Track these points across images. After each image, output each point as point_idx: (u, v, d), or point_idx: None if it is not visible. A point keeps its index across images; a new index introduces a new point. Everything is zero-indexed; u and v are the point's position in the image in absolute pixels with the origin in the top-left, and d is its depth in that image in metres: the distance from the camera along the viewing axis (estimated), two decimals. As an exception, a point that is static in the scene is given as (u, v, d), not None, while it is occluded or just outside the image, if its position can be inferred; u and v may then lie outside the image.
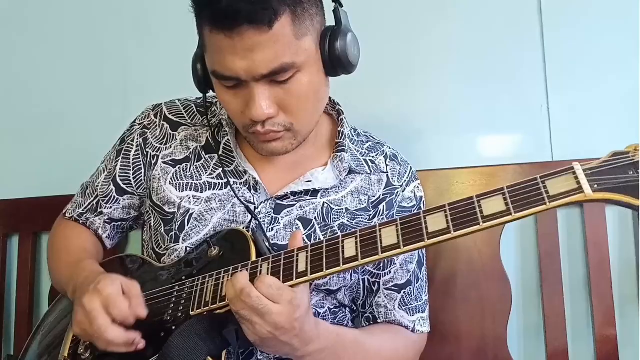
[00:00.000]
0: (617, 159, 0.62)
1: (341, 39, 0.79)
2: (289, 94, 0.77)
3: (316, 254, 0.71)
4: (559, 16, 1.21)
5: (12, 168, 1.46)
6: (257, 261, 0.75)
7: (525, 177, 1.13)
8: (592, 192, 0.61)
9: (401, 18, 1.28)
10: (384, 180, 0.93)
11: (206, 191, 0.89)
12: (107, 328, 0.71)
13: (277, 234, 0.87)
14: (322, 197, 0.89)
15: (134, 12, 1.42)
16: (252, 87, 0.75)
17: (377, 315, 0.92)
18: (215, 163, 0.91)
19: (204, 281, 0.78)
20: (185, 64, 0.87)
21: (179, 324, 0.75)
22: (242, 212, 0.87)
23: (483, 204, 0.65)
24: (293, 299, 0.69)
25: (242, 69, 0.74)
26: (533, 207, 0.62)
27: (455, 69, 1.25)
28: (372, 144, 0.98)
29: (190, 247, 0.87)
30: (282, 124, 0.79)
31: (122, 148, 0.96)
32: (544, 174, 0.64)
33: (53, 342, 0.89)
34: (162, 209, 0.91)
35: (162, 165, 0.92)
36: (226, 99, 0.80)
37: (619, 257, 1.16)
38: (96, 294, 0.73)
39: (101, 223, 0.98)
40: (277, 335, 0.69)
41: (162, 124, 0.95)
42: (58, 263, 0.95)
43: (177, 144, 0.93)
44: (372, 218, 0.91)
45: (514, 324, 1.18)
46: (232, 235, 0.83)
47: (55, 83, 1.45)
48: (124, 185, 0.96)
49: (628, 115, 1.17)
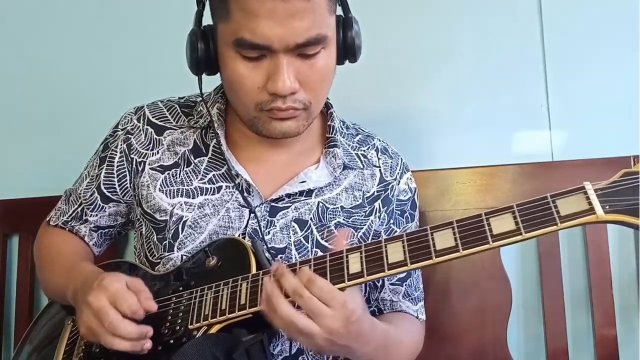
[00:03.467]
0: (628, 180, 0.61)
1: (354, 27, 0.80)
2: (313, 69, 0.76)
3: (319, 268, 0.70)
4: (559, 16, 1.21)
5: (12, 168, 1.46)
6: (258, 274, 0.74)
7: (525, 178, 1.16)
8: (604, 213, 0.60)
9: (401, 18, 1.28)
10: (377, 176, 0.93)
11: (198, 197, 0.86)
12: (119, 323, 0.70)
13: (274, 237, 0.85)
14: (317, 197, 0.88)
15: (134, 12, 1.42)
16: (280, 58, 0.74)
17: (382, 307, 0.94)
18: (205, 167, 0.88)
19: (203, 293, 0.76)
20: (186, 64, 0.87)
21: (177, 338, 0.73)
22: (237, 217, 0.85)
23: (492, 222, 0.64)
24: (346, 302, 0.66)
25: (277, 36, 0.72)
26: (544, 227, 0.61)
27: (455, 69, 1.25)
28: (362, 136, 0.97)
29: (186, 256, 0.85)
30: (302, 100, 0.78)
31: (105, 155, 0.93)
32: (554, 192, 0.63)
33: (44, 351, 0.87)
34: (153, 217, 0.88)
35: (150, 171, 0.89)
36: (243, 73, 0.76)
37: (619, 257, 1.16)
38: (102, 291, 0.71)
39: (87, 231, 0.95)
40: (335, 340, 0.67)
41: (147, 129, 0.91)
42: (51, 269, 0.92)
43: (164, 149, 0.90)
44: (368, 215, 0.90)
45: (514, 324, 1.17)
46: (231, 245, 0.81)
47: (55, 83, 1.45)
48: (108, 193, 0.93)
49: (628, 115, 1.16)
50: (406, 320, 0.93)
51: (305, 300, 0.66)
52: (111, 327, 0.70)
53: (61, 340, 0.84)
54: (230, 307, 0.72)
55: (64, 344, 0.83)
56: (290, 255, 0.85)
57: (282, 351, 0.85)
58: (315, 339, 0.66)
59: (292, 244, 0.85)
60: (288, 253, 0.85)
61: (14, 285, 1.39)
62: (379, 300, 0.94)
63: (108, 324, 0.70)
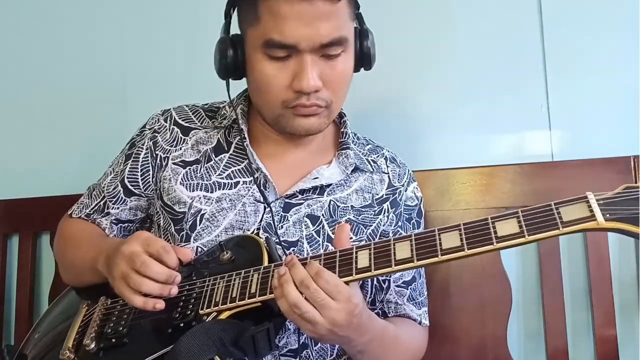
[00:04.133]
0: (630, 192, 0.63)
1: (370, 37, 0.88)
2: (334, 70, 0.83)
3: (329, 262, 0.72)
4: (559, 16, 1.21)
5: (12, 168, 1.46)
6: (270, 266, 0.76)
7: (525, 178, 1.16)
8: (604, 220, 0.62)
9: (401, 19, 1.28)
10: (385, 181, 0.97)
11: (216, 191, 0.91)
12: (150, 263, 0.74)
13: (287, 231, 0.89)
14: (329, 195, 0.92)
15: (134, 14, 1.42)
16: (305, 58, 0.80)
17: (387, 310, 0.96)
18: (225, 164, 0.93)
19: (215, 282, 0.79)
20: (186, 67, 0.87)
21: (188, 322, 0.75)
22: (253, 212, 0.89)
23: (497, 225, 0.66)
24: (351, 297, 0.70)
25: (304, 37, 0.78)
26: (546, 231, 0.64)
27: (455, 69, 1.25)
28: (372, 147, 1.02)
29: (202, 248, 0.88)
30: (325, 98, 0.84)
31: (132, 152, 0.98)
32: (558, 201, 0.65)
33: (55, 336, 0.88)
34: (173, 208, 0.92)
35: (173, 166, 0.94)
36: (270, 73, 0.82)
37: (619, 257, 1.16)
38: (134, 239, 0.77)
39: (108, 223, 0.98)
40: (337, 331, 0.70)
41: (173, 128, 0.97)
42: (77, 250, 0.95)
43: (189, 148, 0.95)
44: (378, 214, 0.94)
45: (514, 324, 1.18)
46: (246, 242, 0.84)
47: (55, 83, 1.45)
48: (131, 187, 0.97)
49: (628, 115, 1.16)
50: (407, 323, 0.95)
51: (312, 292, 0.68)
52: (143, 267, 0.74)
53: (74, 322, 0.86)
54: (241, 295, 0.75)
55: (77, 326, 0.85)
56: (302, 248, 0.88)
57: (287, 344, 0.87)
58: (317, 328, 0.69)
59: (304, 238, 0.89)
60: (300, 246, 0.88)
61: (14, 285, 1.39)
62: (384, 303, 0.96)
63: (140, 264, 0.74)
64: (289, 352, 0.87)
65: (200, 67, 0.89)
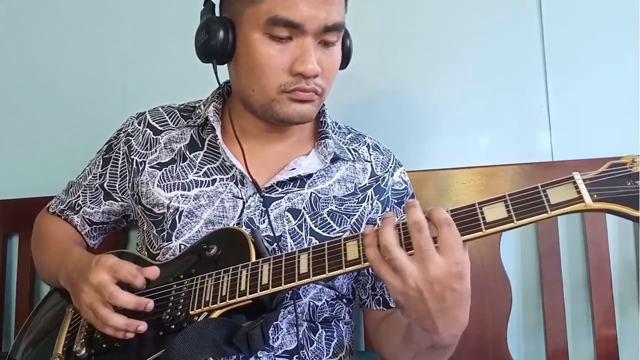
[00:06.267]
0: (615, 170, 0.64)
1: (350, 39, 0.90)
2: (330, 58, 0.84)
3: (318, 256, 0.71)
4: (559, 16, 1.21)
5: (12, 168, 1.46)
6: (258, 262, 0.75)
7: (525, 178, 1.16)
8: (592, 201, 0.62)
9: (400, 18, 1.28)
10: (368, 170, 0.95)
11: (193, 189, 0.90)
12: (119, 294, 0.73)
13: (269, 226, 0.86)
14: (310, 187, 0.90)
15: (134, 12, 1.42)
16: (307, 41, 0.80)
17: (387, 298, 0.92)
18: (200, 161, 0.92)
19: (203, 281, 0.78)
20: (185, 65, 0.87)
21: (178, 323, 0.75)
22: (231, 207, 0.88)
23: (485, 211, 0.65)
24: (460, 263, 0.62)
25: (311, 17, 0.79)
26: (535, 215, 0.63)
27: (455, 69, 1.25)
28: (353, 135, 0.99)
29: (184, 245, 0.87)
30: (321, 85, 0.84)
31: (109, 156, 0.98)
32: (545, 182, 0.65)
33: (44, 342, 0.88)
34: (152, 211, 0.91)
35: (149, 169, 0.93)
36: (270, 54, 0.81)
37: (619, 257, 1.17)
38: (100, 267, 0.76)
39: (79, 221, 1.00)
40: (425, 295, 0.62)
41: (145, 130, 0.96)
42: (45, 252, 0.97)
43: (162, 148, 0.94)
44: (361, 202, 0.92)
45: (514, 324, 1.18)
46: (231, 235, 0.82)
47: (55, 83, 1.45)
48: (110, 190, 0.98)
49: (628, 115, 1.17)
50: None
51: (423, 238, 0.62)
52: (111, 298, 0.73)
53: (62, 328, 0.85)
54: (231, 293, 0.74)
55: (65, 331, 0.84)
56: (285, 243, 0.86)
57: (282, 345, 0.86)
58: (405, 282, 0.63)
59: (287, 232, 0.87)
60: (283, 241, 0.86)
61: (14, 285, 1.39)
62: (384, 288, 0.93)
63: (109, 296, 0.73)
64: (284, 354, 0.85)
65: (201, 67, 0.88)
